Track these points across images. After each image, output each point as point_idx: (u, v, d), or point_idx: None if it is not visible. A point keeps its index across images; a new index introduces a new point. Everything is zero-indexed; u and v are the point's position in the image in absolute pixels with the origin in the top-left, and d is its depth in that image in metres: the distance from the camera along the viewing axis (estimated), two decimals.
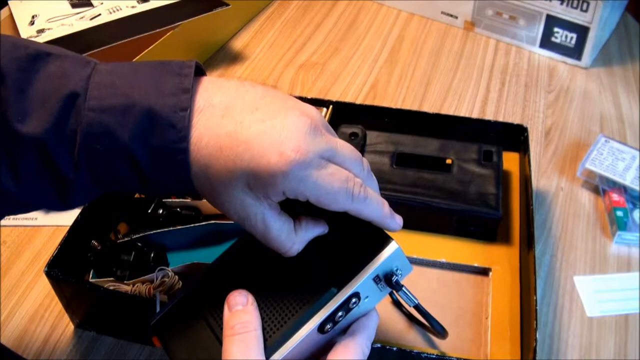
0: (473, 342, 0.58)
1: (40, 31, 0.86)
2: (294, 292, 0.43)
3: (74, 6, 0.91)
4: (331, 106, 0.75)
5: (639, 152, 0.74)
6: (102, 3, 0.91)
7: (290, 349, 0.40)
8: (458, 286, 0.63)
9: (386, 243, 0.43)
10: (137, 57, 0.80)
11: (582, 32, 0.90)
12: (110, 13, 0.88)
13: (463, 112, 0.86)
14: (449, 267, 0.64)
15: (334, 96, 0.89)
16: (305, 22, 1.03)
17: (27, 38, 0.43)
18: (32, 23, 0.90)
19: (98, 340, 0.61)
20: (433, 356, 0.52)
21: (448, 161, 0.69)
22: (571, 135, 0.83)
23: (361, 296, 0.42)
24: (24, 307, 0.64)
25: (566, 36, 0.91)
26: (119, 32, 0.84)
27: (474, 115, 0.86)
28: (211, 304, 0.44)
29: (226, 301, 0.43)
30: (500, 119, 0.84)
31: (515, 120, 0.84)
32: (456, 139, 0.71)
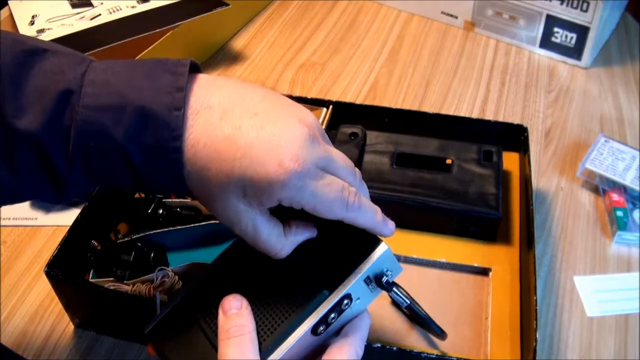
0: (473, 342, 0.58)
1: (40, 31, 0.86)
2: (287, 296, 0.43)
3: (74, 6, 0.91)
4: (331, 106, 0.75)
5: (639, 152, 0.74)
6: (102, 3, 0.91)
7: (284, 352, 0.41)
8: (458, 286, 0.63)
9: (376, 245, 0.43)
10: (137, 57, 0.80)
11: (582, 32, 0.90)
12: (110, 13, 0.88)
13: (463, 112, 0.86)
14: (449, 267, 0.64)
15: (334, 96, 0.89)
16: (305, 22, 1.03)
17: (24, 34, 0.43)
18: (32, 23, 0.90)
19: (98, 340, 0.61)
20: (433, 356, 0.52)
21: (448, 161, 0.69)
22: (571, 135, 0.83)
23: (353, 297, 0.43)
24: (24, 307, 0.64)
25: (566, 36, 0.91)
26: (119, 32, 0.84)
27: (474, 115, 0.86)
28: (205, 310, 0.45)
29: (220, 306, 0.43)
30: (500, 119, 0.84)
31: (515, 120, 0.84)
32: (456, 139, 0.71)
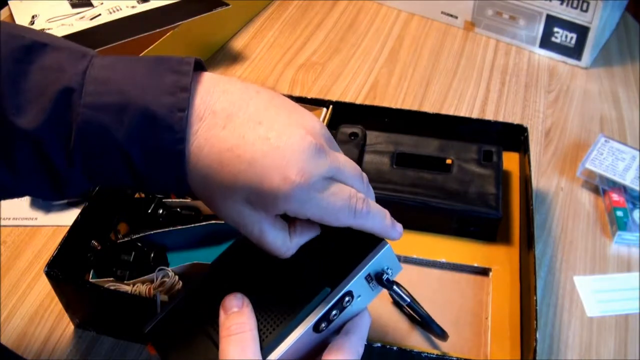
0: (473, 342, 0.58)
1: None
2: (289, 293, 0.43)
3: (74, 6, 0.91)
4: (331, 106, 0.75)
5: (639, 152, 0.74)
6: (102, 3, 0.91)
7: (286, 349, 0.41)
8: (458, 286, 0.63)
9: (377, 242, 0.43)
10: None
11: (582, 32, 0.90)
12: (110, 13, 0.88)
13: (463, 112, 0.86)
14: (449, 267, 0.64)
15: (334, 96, 0.89)
16: (305, 22, 1.03)
17: (25, 26, 0.42)
18: (32, 23, 0.90)
19: (98, 340, 0.61)
20: (433, 356, 0.52)
21: (448, 161, 0.69)
22: (571, 135, 0.83)
23: (354, 295, 0.43)
24: (24, 307, 0.64)
25: (566, 36, 0.91)
26: (119, 32, 0.84)
27: (474, 115, 0.86)
28: (206, 309, 0.44)
29: (221, 304, 0.43)
30: (500, 119, 0.84)
31: (515, 120, 0.84)
32: (456, 139, 0.71)
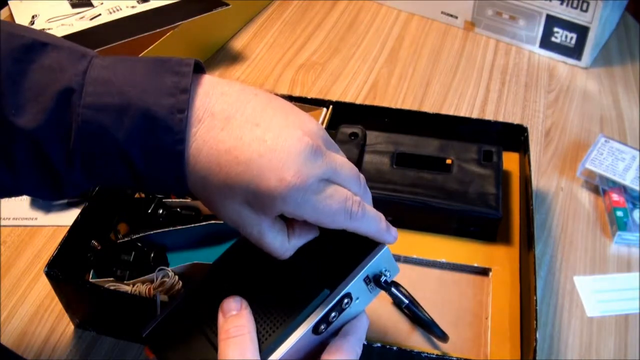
0: (473, 342, 0.58)
1: None
2: (288, 295, 0.43)
3: (74, 6, 0.91)
4: (331, 106, 0.75)
5: (639, 152, 0.74)
6: (102, 3, 0.91)
7: (285, 351, 0.41)
8: (458, 286, 0.63)
9: (375, 244, 0.44)
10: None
11: (582, 32, 0.90)
12: (110, 13, 0.88)
13: (463, 112, 0.86)
14: (449, 267, 0.64)
15: (334, 96, 0.89)
16: (305, 22, 1.03)
17: (25, 26, 0.42)
18: (32, 23, 0.90)
19: (98, 340, 0.61)
20: (433, 356, 0.52)
21: (448, 161, 0.69)
22: (571, 135, 0.83)
23: (353, 297, 0.43)
24: (24, 307, 0.64)
25: (566, 36, 0.91)
26: (119, 32, 0.84)
27: (474, 115, 0.86)
28: (205, 312, 0.45)
29: (220, 307, 0.43)
30: (500, 119, 0.84)
31: (515, 120, 0.84)
32: (456, 139, 0.71)
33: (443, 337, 0.55)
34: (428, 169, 0.68)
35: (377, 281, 0.44)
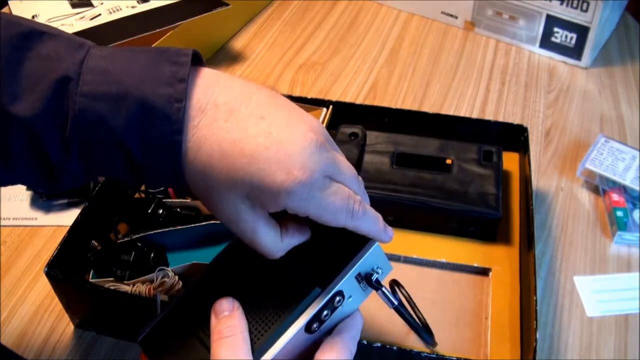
0: (473, 342, 0.58)
1: None
2: (280, 295, 0.43)
3: (74, 6, 0.91)
4: (331, 106, 0.75)
5: (639, 152, 0.74)
6: (102, 3, 0.91)
7: (279, 350, 0.41)
8: (458, 286, 0.63)
9: (366, 242, 0.44)
10: None
11: (582, 32, 0.90)
12: (110, 13, 0.88)
13: (463, 112, 0.86)
14: (449, 267, 0.64)
15: (334, 96, 0.89)
16: (305, 22, 1.03)
17: (23, 16, 0.42)
18: None
19: (98, 340, 0.61)
20: (433, 356, 0.52)
21: (448, 161, 0.69)
22: (571, 135, 0.83)
23: (345, 295, 0.43)
24: (24, 307, 0.64)
25: (566, 36, 0.91)
26: (119, 32, 0.84)
27: (474, 115, 0.86)
28: (198, 315, 0.44)
29: (212, 309, 0.43)
30: (500, 119, 0.84)
31: (515, 120, 0.84)
32: (456, 139, 0.71)
33: (431, 344, 0.55)
34: (428, 169, 0.68)
35: (369, 279, 0.44)
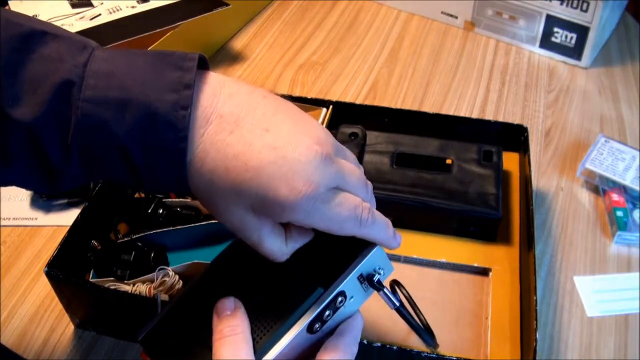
0: (473, 342, 0.58)
1: None
2: (282, 295, 0.43)
3: (74, 6, 0.91)
4: (331, 106, 0.75)
5: (639, 152, 0.74)
6: (102, 3, 0.91)
7: (280, 350, 0.41)
8: (458, 286, 0.63)
9: (368, 243, 0.43)
10: None
11: (582, 32, 0.90)
12: (110, 13, 0.88)
13: (463, 112, 0.86)
14: (449, 267, 0.64)
15: (334, 96, 0.89)
16: (305, 22, 1.03)
17: (24, 15, 0.41)
18: None
19: (98, 340, 0.61)
20: (433, 356, 0.52)
21: (448, 161, 0.69)
22: (571, 135, 0.83)
23: (347, 295, 0.43)
24: (24, 308, 0.64)
25: (566, 36, 0.91)
26: (119, 32, 0.84)
27: (474, 115, 0.86)
28: (199, 314, 0.44)
29: (214, 308, 0.43)
30: (500, 119, 0.84)
31: (515, 120, 0.84)
32: (456, 139, 0.71)
33: (433, 345, 0.55)
34: (428, 169, 0.68)
35: (370, 280, 0.44)
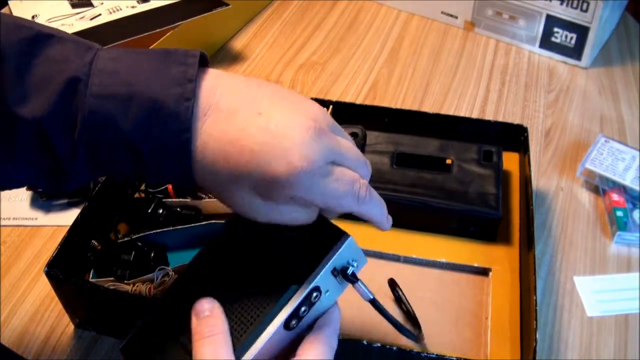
0: (473, 342, 0.58)
1: None
2: (258, 294, 0.43)
3: (74, 6, 0.91)
4: (331, 106, 0.75)
5: (639, 152, 0.74)
6: (102, 3, 0.91)
7: (259, 348, 0.41)
8: (458, 286, 0.63)
9: (340, 236, 0.43)
10: None
11: (582, 32, 0.90)
12: (110, 13, 0.88)
13: (463, 112, 0.86)
14: (449, 267, 0.64)
15: (334, 96, 0.89)
16: (305, 22, 1.03)
17: (29, 19, 0.42)
18: None
19: (98, 340, 0.61)
20: (433, 356, 0.52)
21: (448, 161, 0.69)
22: (571, 135, 0.83)
23: (322, 290, 0.43)
24: (24, 307, 0.64)
25: (566, 36, 0.91)
26: (119, 32, 0.84)
27: (474, 115, 0.86)
28: (178, 318, 0.45)
29: (192, 310, 0.43)
30: (500, 119, 0.84)
31: (515, 120, 0.84)
32: (456, 139, 0.71)
33: (415, 339, 0.55)
34: (428, 169, 0.68)
35: (344, 273, 0.44)
